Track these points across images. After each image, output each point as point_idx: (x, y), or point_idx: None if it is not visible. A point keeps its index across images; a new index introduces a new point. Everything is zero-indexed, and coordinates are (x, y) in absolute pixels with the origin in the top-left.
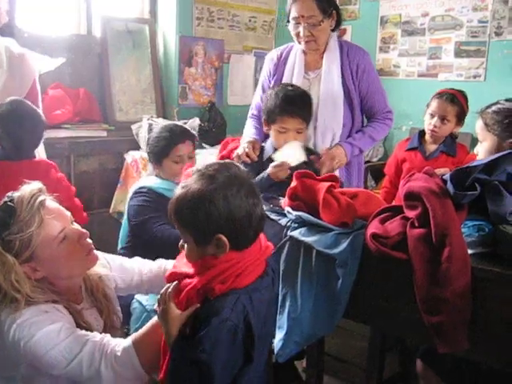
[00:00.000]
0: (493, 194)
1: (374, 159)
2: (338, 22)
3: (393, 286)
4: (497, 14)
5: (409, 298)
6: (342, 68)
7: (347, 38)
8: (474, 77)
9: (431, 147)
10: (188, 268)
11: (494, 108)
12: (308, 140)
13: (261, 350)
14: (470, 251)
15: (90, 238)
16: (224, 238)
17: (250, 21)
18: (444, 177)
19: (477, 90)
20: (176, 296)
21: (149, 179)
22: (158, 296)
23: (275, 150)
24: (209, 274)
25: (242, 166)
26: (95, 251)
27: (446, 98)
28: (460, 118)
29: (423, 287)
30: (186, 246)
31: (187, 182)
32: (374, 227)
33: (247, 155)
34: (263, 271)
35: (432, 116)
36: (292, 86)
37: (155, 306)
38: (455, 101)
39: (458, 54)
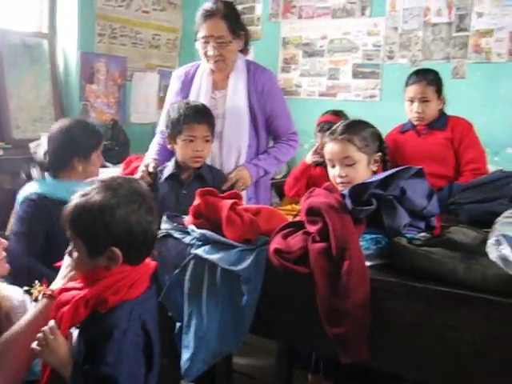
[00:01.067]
0: (388, 209)
1: (278, 176)
2: (246, 43)
3: (296, 299)
4: (388, 39)
5: (312, 311)
6: (248, 88)
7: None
8: (371, 97)
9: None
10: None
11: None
12: (213, 159)
13: (158, 358)
14: (368, 263)
15: None
16: (118, 252)
17: (153, 38)
18: (343, 192)
19: (373, 109)
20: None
21: (42, 183)
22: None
23: (178, 165)
24: (102, 284)
25: (144, 184)
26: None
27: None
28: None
29: (325, 300)
30: (75, 254)
31: (88, 190)
32: (276, 243)
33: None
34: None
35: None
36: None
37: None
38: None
39: (355, 75)
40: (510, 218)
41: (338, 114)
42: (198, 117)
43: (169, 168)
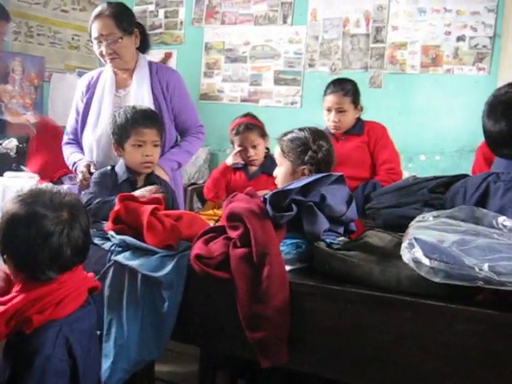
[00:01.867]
0: (308, 215)
1: (200, 181)
2: (144, 41)
3: (218, 305)
4: (309, 47)
5: (233, 316)
6: (152, 85)
7: (173, 61)
8: (292, 103)
9: (252, 168)
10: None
11: (289, 136)
12: None
13: (88, 382)
14: (288, 267)
15: None
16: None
17: (73, 39)
18: (265, 196)
19: (294, 115)
20: None
21: None
22: None
23: (128, 169)
24: (25, 297)
25: (66, 190)
26: None
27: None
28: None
29: (245, 305)
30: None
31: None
32: (197, 248)
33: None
34: (85, 301)
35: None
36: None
37: None
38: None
39: (277, 81)
40: (422, 222)
41: (249, 115)
42: (147, 121)
43: (121, 172)
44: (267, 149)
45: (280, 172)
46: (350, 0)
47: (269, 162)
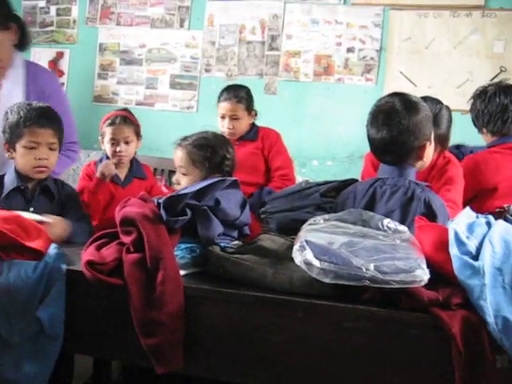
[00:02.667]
0: (202, 219)
1: None
2: (24, 39)
3: (111, 312)
4: (206, 52)
5: (127, 323)
6: (26, 89)
7: (65, 61)
8: (188, 108)
9: (122, 171)
10: None
11: (195, 143)
12: None
13: None
14: (183, 272)
15: None
16: None
17: None
18: (159, 201)
19: (190, 120)
20: None
21: None
22: None
23: (20, 176)
24: None
25: None
26: None
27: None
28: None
29: (139, 311)
30: None
31: None
32: (89, 254)
33: None
34: None
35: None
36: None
37: None
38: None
39: (173, 85)
40: (313, 225)
41: (126, 110)
42: (42, 120)
43: (10, 180)
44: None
45: (188, 181)
46: (246, 7)
47: (136, 166)
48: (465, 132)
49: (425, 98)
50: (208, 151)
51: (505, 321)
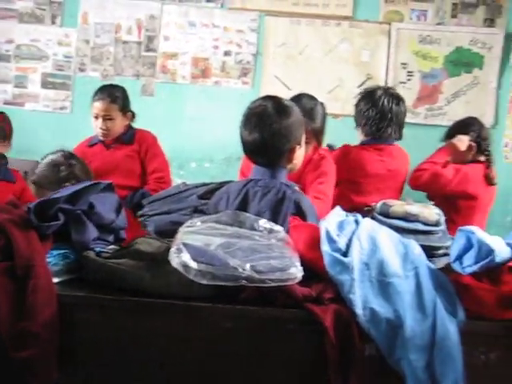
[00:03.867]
0: (76, 223)
1: None
2: None
3: None
4: (80, 51)
5: None
6: None
7: None
8: (61, 108)
9: None
10: None
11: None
12: None
13: None
14: (56, 279)
15: None
16: None
17: None
18: (29, 206)
19: (64, 121)
20: None
21: None
22: None
23: None
24: None
25: None
26: None
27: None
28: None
29: (8, 323)
30: None
31: None
32: None
33: None
34: None
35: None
36: None
37: None
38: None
39: (45, 84)
40: (190, 227)
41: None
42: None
43: None
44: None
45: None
46: (123, 6)
47: (3, 169)
48: (337, 136)
49: (301, 95)
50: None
51: (372, 312)
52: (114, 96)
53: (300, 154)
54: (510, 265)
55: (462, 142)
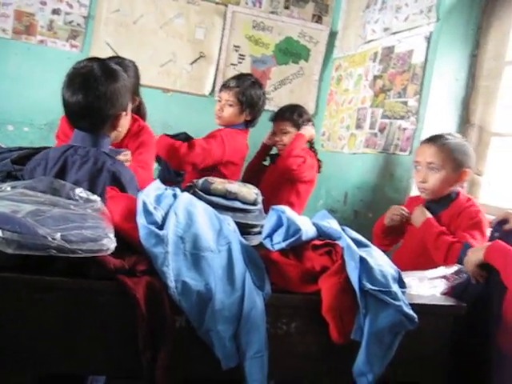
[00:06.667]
0: None
1: None
2: None
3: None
4: None
5: None
6: None
7: None
8: None
9: None
10: None
11: None
12: None
13: None
14: None
15: None
16: None
17: None
18: None
19: None
20: None
21: None
22: None
23: None
24: None
25: None
26: None
27: None
28: None
29: None
30: None
31: None
32: None
33: None
34: None
35: None
36: None
37: None
38: None
39: None
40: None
41: None
42: None
43: None
44: None
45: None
46: None
47: None
48: (167, 111)
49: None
50: None
51: (184, 284)
52: None
53: (125, 123)
54: (314, 243)
55: (311, 131)
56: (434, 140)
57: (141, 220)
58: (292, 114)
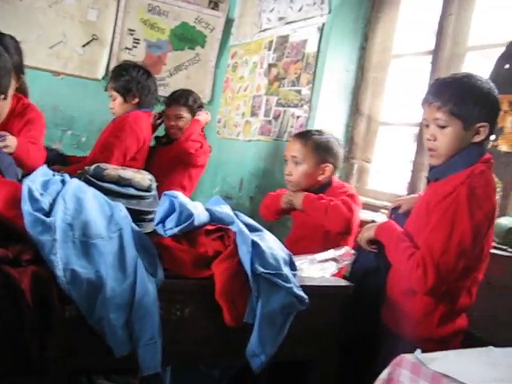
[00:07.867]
0: None
1: None
2: None
3: None
4: None
5: None
6: None
7: None
8: None
9: None
10: None
11: None
12: None
13: None
14: None
15: None
16: None
17: None
18: None
19: None
20: None
21: None
22: None
23: None
24: None
25: None
26: None
27: None
28: None
29: None
30: None
31: None
32: None
33: None
34: None
35: None
36: None
37: None
38: None
39: None
40: None
41: None
42: None
43: None
44: None
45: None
46: None
47: None
48: (59, 95)
49: None
50: None
51: (73, 273)
52: None
53: (4, 106)
54: (207, 228)
55: (207, 117)
56: (299, 136)
57: (26, 207)
58: (187, 100)
